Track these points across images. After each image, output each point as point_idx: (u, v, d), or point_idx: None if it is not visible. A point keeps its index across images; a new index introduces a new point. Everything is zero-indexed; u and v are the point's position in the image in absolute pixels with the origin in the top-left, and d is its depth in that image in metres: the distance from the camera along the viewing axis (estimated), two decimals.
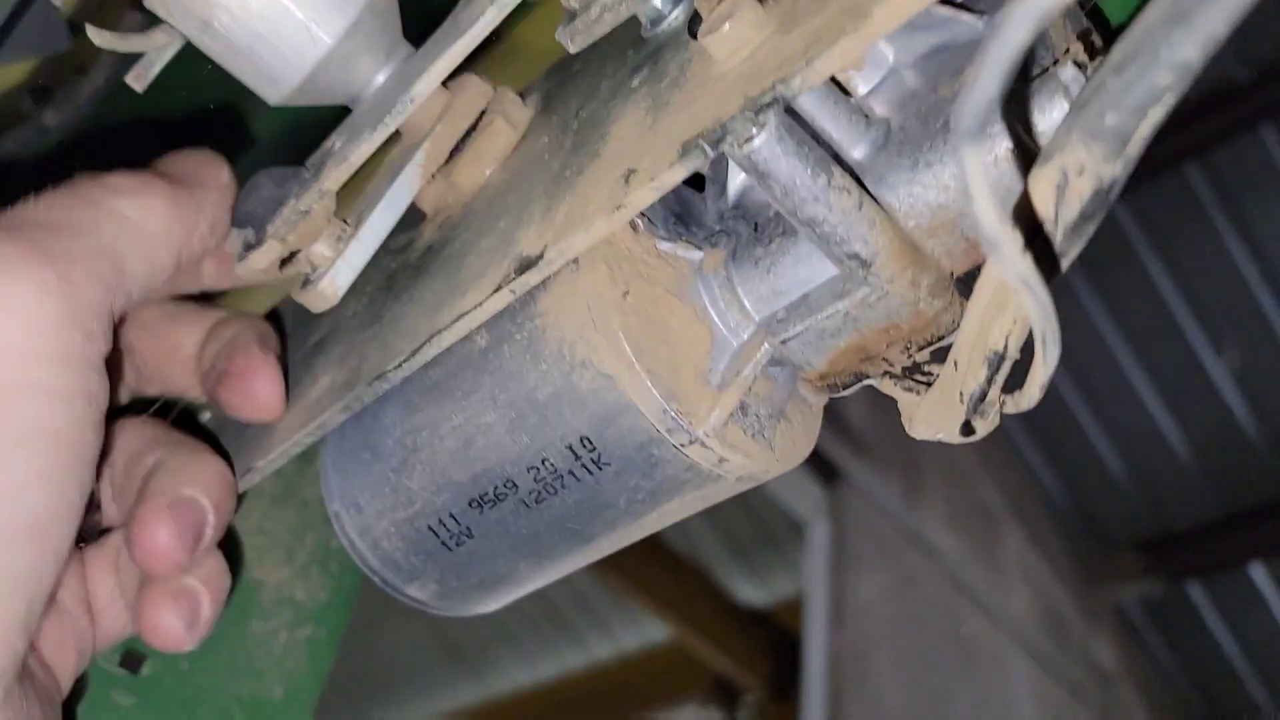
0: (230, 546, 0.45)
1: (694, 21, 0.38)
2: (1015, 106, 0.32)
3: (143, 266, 0.37)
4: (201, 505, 0.40)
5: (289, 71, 0.41)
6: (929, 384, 0.35)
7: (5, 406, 0.31)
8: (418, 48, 0.44)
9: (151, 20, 0.42)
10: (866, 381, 0.36)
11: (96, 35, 0.40)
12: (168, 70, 0.45)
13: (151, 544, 0.39)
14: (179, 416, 0.47)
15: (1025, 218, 0.26)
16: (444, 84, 0.44)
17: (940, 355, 0.36)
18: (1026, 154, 0.30)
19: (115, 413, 0.44)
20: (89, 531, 0.44)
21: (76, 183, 0.37)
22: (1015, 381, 0.30)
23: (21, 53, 0.68)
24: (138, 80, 0.42)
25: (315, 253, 0.43)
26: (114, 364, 0.41)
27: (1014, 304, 0.27)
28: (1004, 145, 0.31)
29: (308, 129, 0.51)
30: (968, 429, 0.31)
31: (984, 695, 2.75)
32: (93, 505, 0.44)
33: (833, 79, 0.35)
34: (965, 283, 0.35)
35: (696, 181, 0.41)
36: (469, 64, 0.45)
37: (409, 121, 0.44)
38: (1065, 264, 0.26)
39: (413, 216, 0.47)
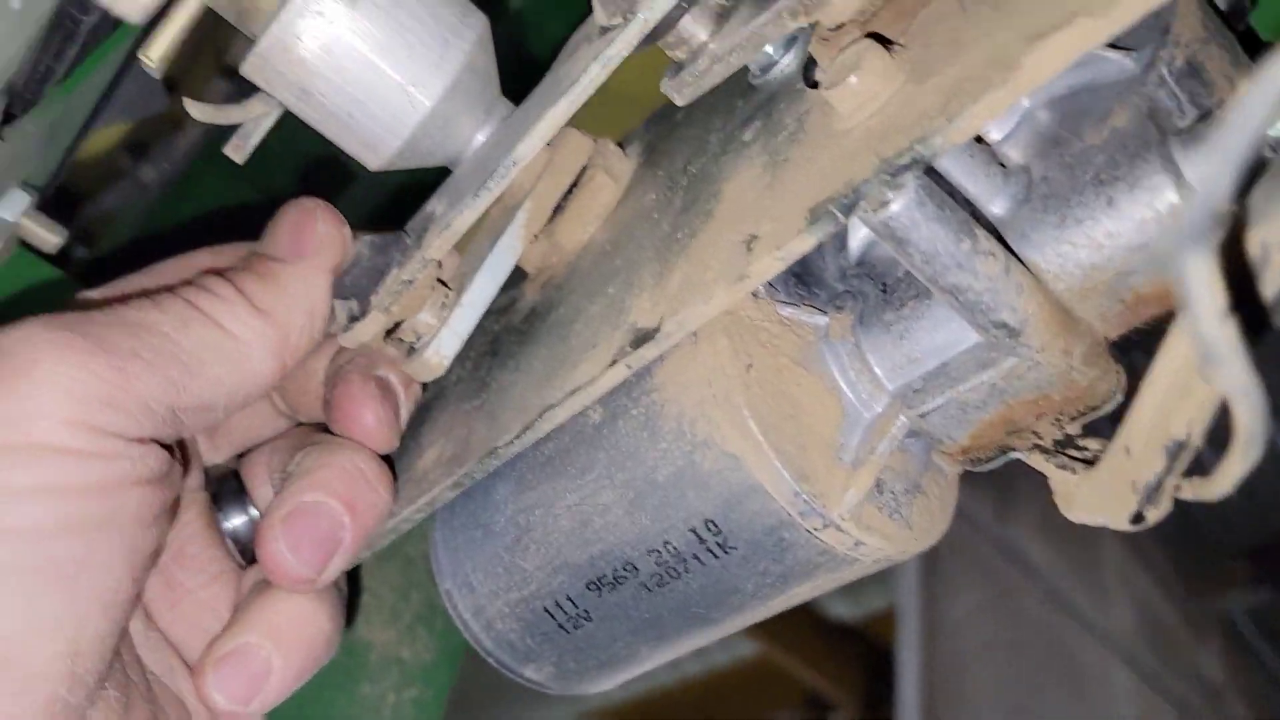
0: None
1: (809, 68, 0.36)
2: (1159, 152, 0.29)
3: (231, 374, 0.37)
4: (327, 510, 0.39)
5: (388, 137, 0.40)
6: (1083, 460, 0.32)
7: (24, 460, 0.33)
8: (517, 102, 0.42)
9: (248, 88, 0.41)
10: (1012, 455, 0.34)
11: (194, 108, 0.39)
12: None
13: (273, 562, 0.39)
14: None
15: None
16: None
17: (1094, 427, 0.33)
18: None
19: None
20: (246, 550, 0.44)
21: (179, 286, 0.38)
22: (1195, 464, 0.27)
23: (122, 116, 0.69)
24: (236, 151, 0.41)
25: (420, 321, 0.41)
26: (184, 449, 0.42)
27: (1202, 392, 0.24)
28: (1169, 199, 0.29)
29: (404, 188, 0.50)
30: (1138, 518, 0.28)
31: (1086, 713, 2.66)
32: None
33: None
34: (1119, 346, 0.33)
35: None
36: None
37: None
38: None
39: (514, 274, 0.45)
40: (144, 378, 0.35)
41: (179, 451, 0.39)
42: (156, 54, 0.38)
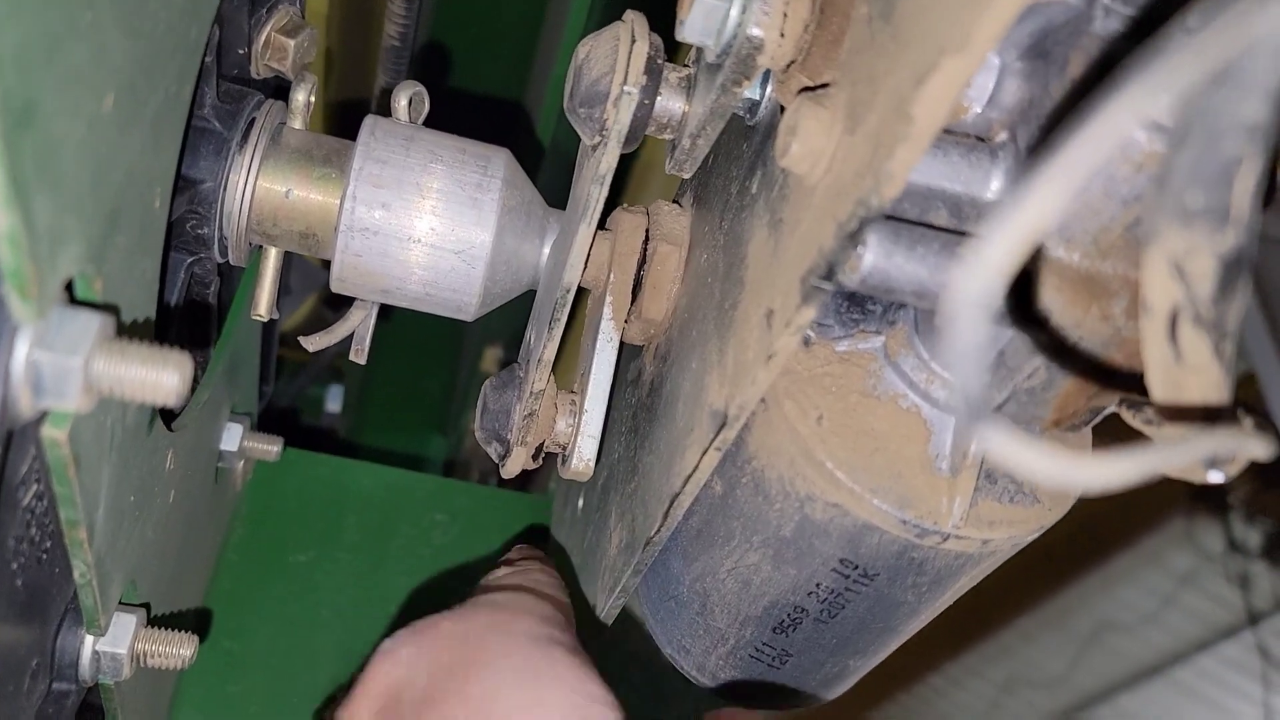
0: None
1: (782, 110, 0.36)
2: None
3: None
4: None
5: (465, 298, 0.43)
6: None
7: None
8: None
9: (346, 301, 0.46)
10: (1108, 411, 0.33)
11: (310, 342, 0.45)
12: None
13: None
14: None
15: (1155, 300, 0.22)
16: (602, 228, 0.45)
17: None
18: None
19: None
20: None
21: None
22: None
23: (301, 298, 0.77)
24: (359, 355, 0.46)
25: (559, 432, 0.45)
26: None
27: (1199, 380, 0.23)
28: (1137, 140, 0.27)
29: None
30: (1214, 475, 0.27)
31: None
32: None
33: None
34: None
35: None
36: (616, 193, 0.46)
37: (585, 277, 0.45)
38: (1233, 329, 0.22)
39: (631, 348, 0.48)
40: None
41: None
42: (265, 309, 0.44)
